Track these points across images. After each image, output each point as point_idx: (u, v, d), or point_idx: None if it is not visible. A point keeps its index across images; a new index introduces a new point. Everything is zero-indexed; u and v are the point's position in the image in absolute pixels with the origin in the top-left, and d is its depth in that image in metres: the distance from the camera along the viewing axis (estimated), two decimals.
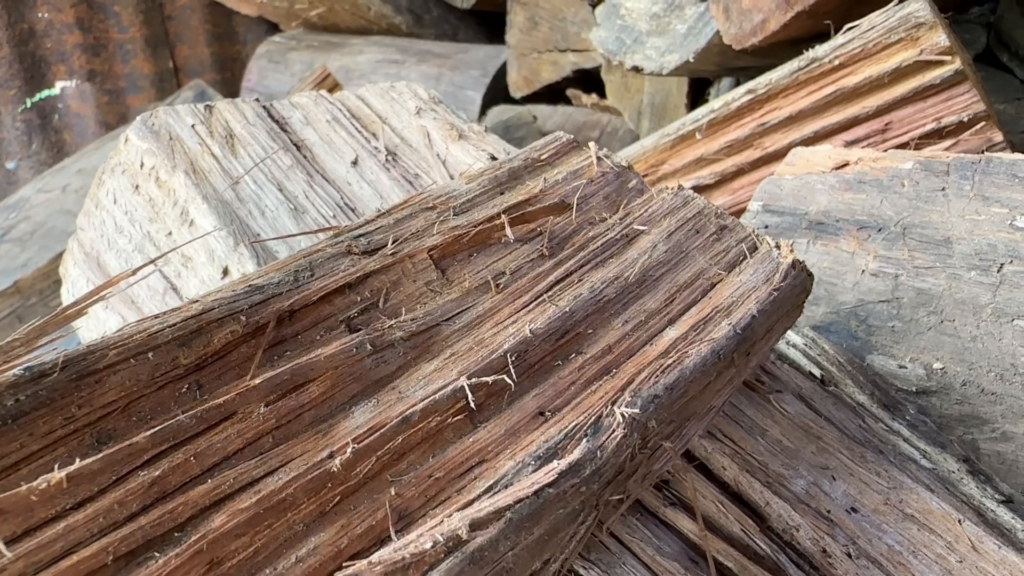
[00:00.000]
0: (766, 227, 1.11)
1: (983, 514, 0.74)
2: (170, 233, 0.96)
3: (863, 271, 1.02)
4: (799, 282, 0.76)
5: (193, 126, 1.02)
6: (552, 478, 0.50)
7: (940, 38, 1.19)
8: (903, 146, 1.24)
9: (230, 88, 3.47)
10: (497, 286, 0.66)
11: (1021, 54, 1.62)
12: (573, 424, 0.57)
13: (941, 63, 1.20)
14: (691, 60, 1.68)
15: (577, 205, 0.76)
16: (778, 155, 1.34)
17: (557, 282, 0.68)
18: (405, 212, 0.68)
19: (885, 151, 1.10)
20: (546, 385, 0.61)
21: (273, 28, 3.44)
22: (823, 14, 1.38)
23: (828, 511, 0.73)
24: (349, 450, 0.50)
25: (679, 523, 0.71)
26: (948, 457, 0.79)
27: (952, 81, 1.20)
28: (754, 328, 0.69)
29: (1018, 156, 0.97)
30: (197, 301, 0.52)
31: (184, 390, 0.49)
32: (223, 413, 0.49)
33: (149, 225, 0.98)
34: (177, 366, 0.49)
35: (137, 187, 1.00)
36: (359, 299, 0.59)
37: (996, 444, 0.90)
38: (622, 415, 0.57)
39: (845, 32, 1.29)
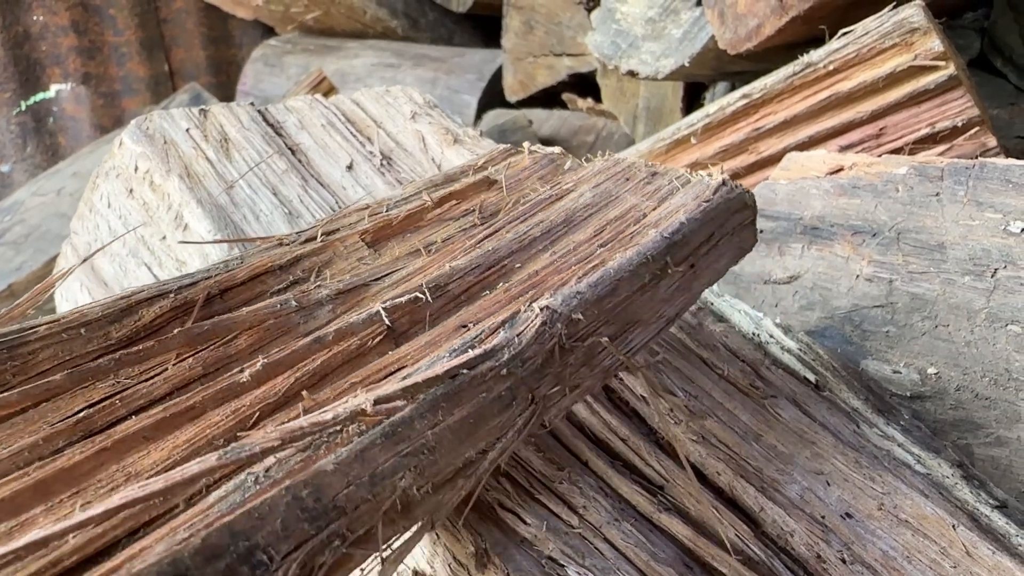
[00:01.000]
0: (761, 231, 1.11)
1: (977, 519, 0.74)
2: (164, 237, 0.95)
3: (857, 276, 1.02)
4: (734, 196, 0.77)
5: (188, 130, 1.02)
6: (464, 359, 0.50)
7: (934, 43, 1.19)
8: (897, 151, 1.24)
9: (225, 92, 3.47)
10: (428, 251, 0.67)
11: (1015, 59, 1.62)
12: (492, 323, 0.57)
13: (935, 68, 1.20)
14: (686, 64, 1.68)
15: (509, 186, 0.78)
16: (773, 160, 1.34)
17: (485, 238, 0.69)
18: (340, 214, 0.70)
19: (879, 156, 1.11)
20: (471, 307, 0.61)
21: (269, 32, 3.44)
22: (818, 19, 1.38)
23: (822, 516, 0.73)
24: (259, 364, 0.50)
25: (673, 529, 0.71)
26: (942, 462, 0.79)
27: (946, 86, 1.21)
28: (684, 234, 0.69)
29: (1012, 161, 0.97)
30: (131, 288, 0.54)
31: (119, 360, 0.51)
32: (147, 358, 0.50)
33: (143, 229, 0.98)
34: (110, 339, 0.51)
35: (131, 191, 1.00)
36: (290, 278, 0.61)
37: (990, 449, 0.90)
38: (539, 307, 0.57)
39: (840, 37, 1.29)
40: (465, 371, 0.50)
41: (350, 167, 1.03)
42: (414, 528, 0.44)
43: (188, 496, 0.38)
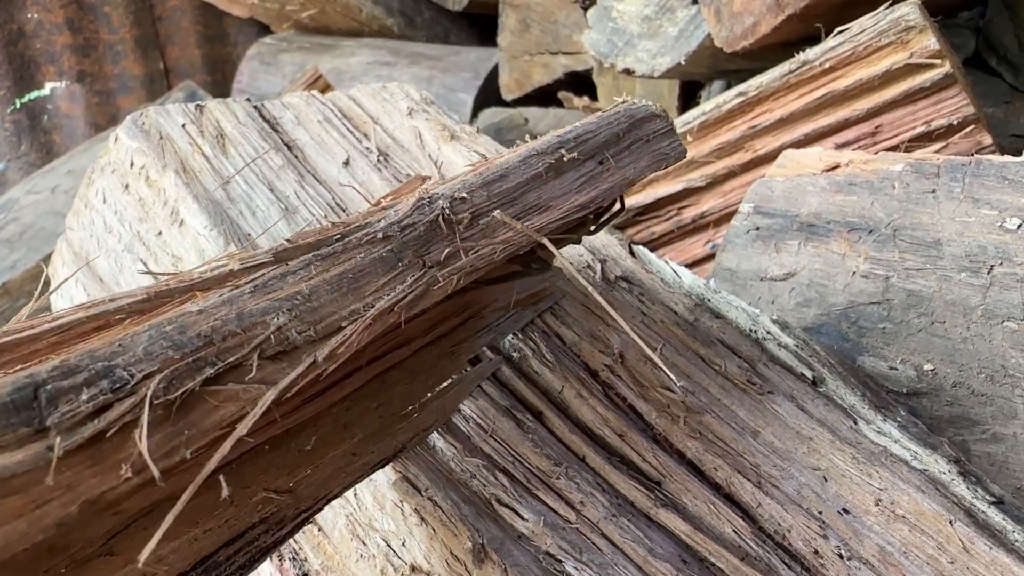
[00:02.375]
0: (757, 229, 1.11)
1: (974, 515, 0.74)
2: (160, 233, 0.95)
3: (854, 273, 1.02)
4: (637, 107, 0.80)
5: (184, 125, 1.02)
6: (336, 230, 0.53)
7: (930, 41, 1.19)
8: (893, 148, 1.24)
9: (221, 90, 3.46)
10: None
11: (1010, 58, 1.63)
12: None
13: (931, 66, 1.20)
14: (682, 63, 1.68)
15: (447, 176, 0.80)
16: (769, 157, 1.34)
17: None
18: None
19: (875, 153, 1.11)
20: None
21: (264, 30, 3.44)
22: (814, 17, 1.39)
23: (820, 512, 0.73)
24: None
25: (671, 524, 0.71)
26: (939, 458, 0.80)
27: (942, 84, 1.21)
28: (578, 133, 0.72)
29: (1007, 159, 0.97)
30: None
31: None
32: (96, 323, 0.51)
33: (139, 225, 0.98)
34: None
35: (127, 186, 0.99)
36: None
37: (986, 445, 0.90)
38: (419, 191, 0.59)
39: (836, 35, 1.29)
40: (338, 236, 0.52)
41: (347, 163, 1.03)
42: (301, 367, 0.44)
43: None
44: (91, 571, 0.43)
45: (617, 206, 0.83)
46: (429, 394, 0.69)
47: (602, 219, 0.83)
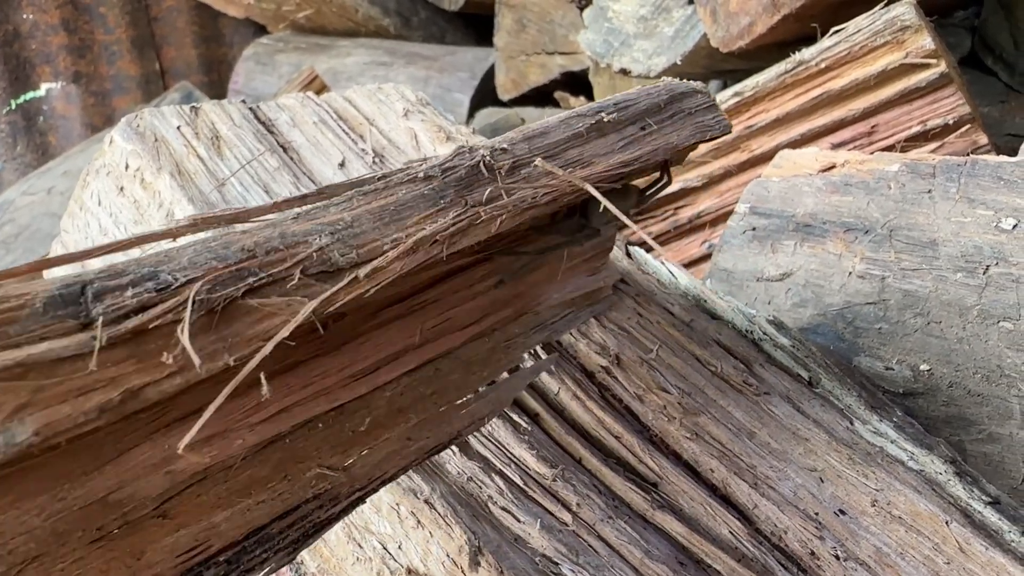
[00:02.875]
0: (754, 229, 1.11)
1: (970, 516, 0.74)
2: None
3: (850, 273, 1.02)
4: (676, 84, 0.81)
5: (179, 127, 1.01)
6: (378, 173, 0.54)
7: (925, 41, 1.19)
8: (889, 148, 1.24)
9: (217, 90, 3.45)
10: None
11: (1005, 57, 1.63)
12: None
13: (926, 66, 1.21)
14: (678, 63, 1.68)
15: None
16: (765, 157, 1.34)
17: None
18: None
19: (871, 153, 1.11)
20: None
21: (260, 30, 3.43)
22: (809, 17, 1.39)
23: (816, 513, 0.73)
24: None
25: (667, 526, 0.71)
26: (935, 459, 0.80)
27: (937, 84, 1.21)
28: (616, 102, 0.73)
29: (1003, 158, 0.97)
30: None
31: None
32: None
33: (134, 227, 0.98)
34: None
35: (122, 189, 0.99)
36: None
37: (983, 445, 0.90)
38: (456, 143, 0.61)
39: (831, 35, 1.29)
40: (379, 176, 0.54)
41: (342, 165, 1.02)
42: (343, 281, 0.46)
43: None
44: (143, 532, 0.45)
45: (664, 179, 0.83)
46: (483, 386, 0.69)
47: (649, 191, 0.83)
